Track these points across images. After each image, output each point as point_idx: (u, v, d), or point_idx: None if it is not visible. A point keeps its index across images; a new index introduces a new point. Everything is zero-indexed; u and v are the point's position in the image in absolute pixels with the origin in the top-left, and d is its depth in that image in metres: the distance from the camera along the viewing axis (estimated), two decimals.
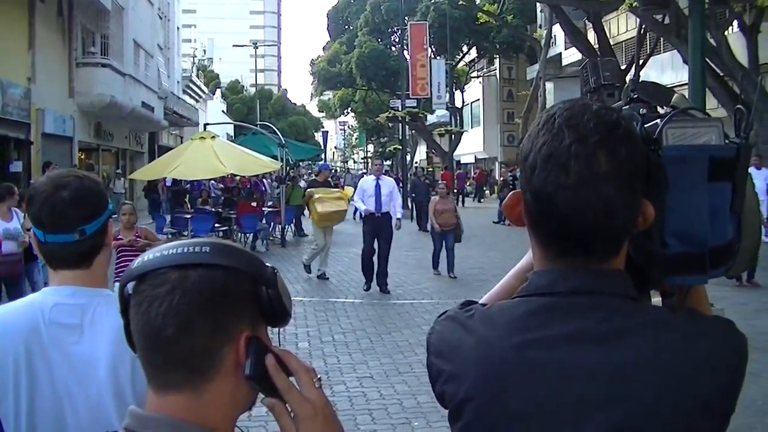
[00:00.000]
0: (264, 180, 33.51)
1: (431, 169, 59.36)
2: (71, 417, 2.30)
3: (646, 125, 1.53)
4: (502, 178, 42.86)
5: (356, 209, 17.05)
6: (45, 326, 2.33)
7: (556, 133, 1.43)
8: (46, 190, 2.39)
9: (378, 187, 15.24)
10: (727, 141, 1.51)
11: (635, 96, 1.63)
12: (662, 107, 1.61)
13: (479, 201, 50.21)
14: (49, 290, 2.44)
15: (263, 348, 1.39)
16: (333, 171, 68.46)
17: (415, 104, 49.19)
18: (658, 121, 1.52)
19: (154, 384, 1.37)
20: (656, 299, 1.67)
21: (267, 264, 1.43)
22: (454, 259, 16.83)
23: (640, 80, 1.73)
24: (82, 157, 32.05)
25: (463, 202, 44.56)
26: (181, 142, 43.69)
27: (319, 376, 1.43)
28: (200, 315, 1.32)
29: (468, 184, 53.45)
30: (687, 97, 1.69)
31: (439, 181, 22.56)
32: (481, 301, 1.70)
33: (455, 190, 41.14)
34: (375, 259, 15.24)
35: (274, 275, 1.42)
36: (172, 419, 1.33)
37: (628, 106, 1.62)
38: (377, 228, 15.20)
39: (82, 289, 2.40)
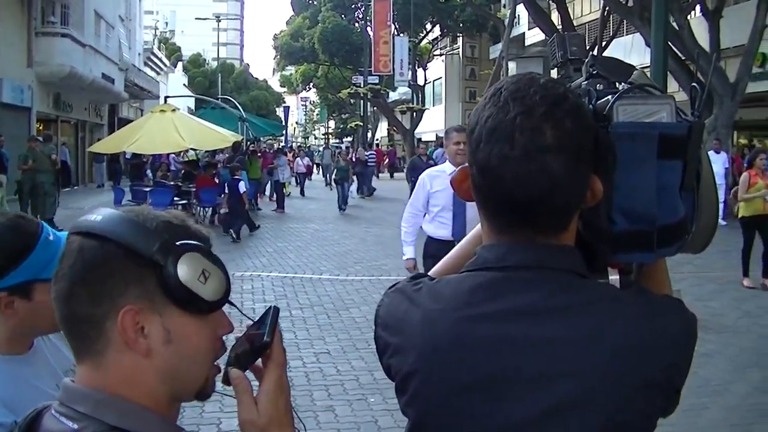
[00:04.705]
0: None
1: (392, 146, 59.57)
2: None
3: (599, 101, 1.51)
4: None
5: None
6: None
7: (501, 106, 1.41)
8: None
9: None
10: (680, 119, 1.50)
11: (594, 71, 1.61)
12: (620, 83, 1.59)
13: None
14: None
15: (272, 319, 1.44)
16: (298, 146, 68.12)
17: (377, 81, 49.40)
18: (610, 97, 1.50)
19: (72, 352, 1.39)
20: (614, 277, 1.66)
21: (187, 241, 1.33)
22: None
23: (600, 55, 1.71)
24: (40, 128, 31.67)
25: (392, 175, 48.82)
26: (142, 115, 43.33)
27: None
28: (79, 283, 1.29)
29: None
30: (648, 75, 1.67)
31: None
32: (430, 274, 1.69)
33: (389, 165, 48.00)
34: None
35: (178, 254, 1.30)
36: (84, 389, 1.32)
37: (587, 82, 1.60)
38: None
39: None
